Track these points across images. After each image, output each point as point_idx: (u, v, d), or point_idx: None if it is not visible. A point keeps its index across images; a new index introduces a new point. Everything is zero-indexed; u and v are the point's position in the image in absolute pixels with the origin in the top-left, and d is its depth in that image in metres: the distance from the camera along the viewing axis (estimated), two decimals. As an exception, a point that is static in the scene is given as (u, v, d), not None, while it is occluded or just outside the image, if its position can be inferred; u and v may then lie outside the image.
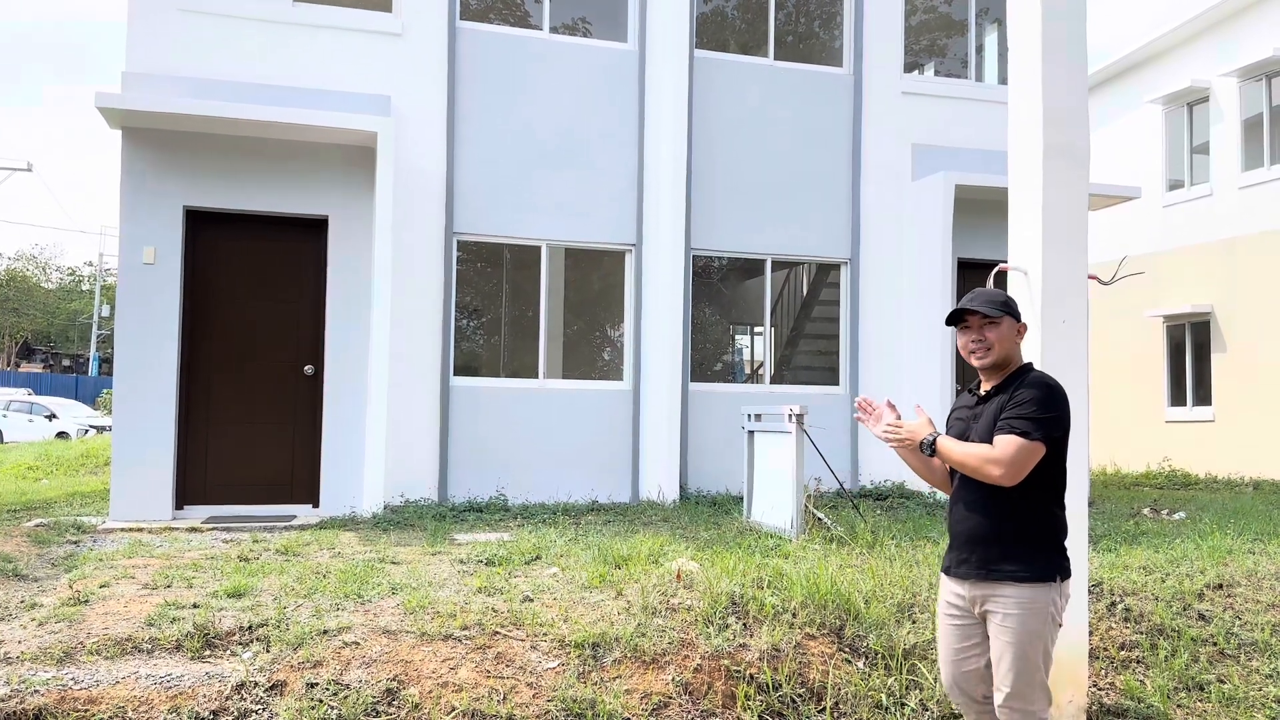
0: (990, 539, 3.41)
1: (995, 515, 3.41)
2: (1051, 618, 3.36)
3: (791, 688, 4.45)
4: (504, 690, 4.20)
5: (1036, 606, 3.34)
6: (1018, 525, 3.39)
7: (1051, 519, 3.43)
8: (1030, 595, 3.34)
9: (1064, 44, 4.53)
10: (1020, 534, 3.38)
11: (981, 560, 3.42)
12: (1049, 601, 3.35)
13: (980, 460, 3.32)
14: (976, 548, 3.45)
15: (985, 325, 3.51)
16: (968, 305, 3.54)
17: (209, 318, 8.82)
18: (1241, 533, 7.58)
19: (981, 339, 3.51)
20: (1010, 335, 3.52)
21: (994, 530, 3.41)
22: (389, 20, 9.48)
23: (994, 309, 3.50)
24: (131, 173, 8.53)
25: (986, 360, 3.51)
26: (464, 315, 10.04)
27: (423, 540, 7.12)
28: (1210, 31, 15.34)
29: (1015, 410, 3.33)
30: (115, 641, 4.38)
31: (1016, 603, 3.35)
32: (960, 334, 3.59)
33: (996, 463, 3.28)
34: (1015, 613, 3.34)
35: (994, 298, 3.56)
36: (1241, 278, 14.39)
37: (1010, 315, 3.52)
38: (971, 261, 10.61)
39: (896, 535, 7.19)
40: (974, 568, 3.44)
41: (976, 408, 3.55)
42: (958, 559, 3.52)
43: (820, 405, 10.12)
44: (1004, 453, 3.28)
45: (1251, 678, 4.94)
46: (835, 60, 11.22)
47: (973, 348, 3.54)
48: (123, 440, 8.41)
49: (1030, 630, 3.33)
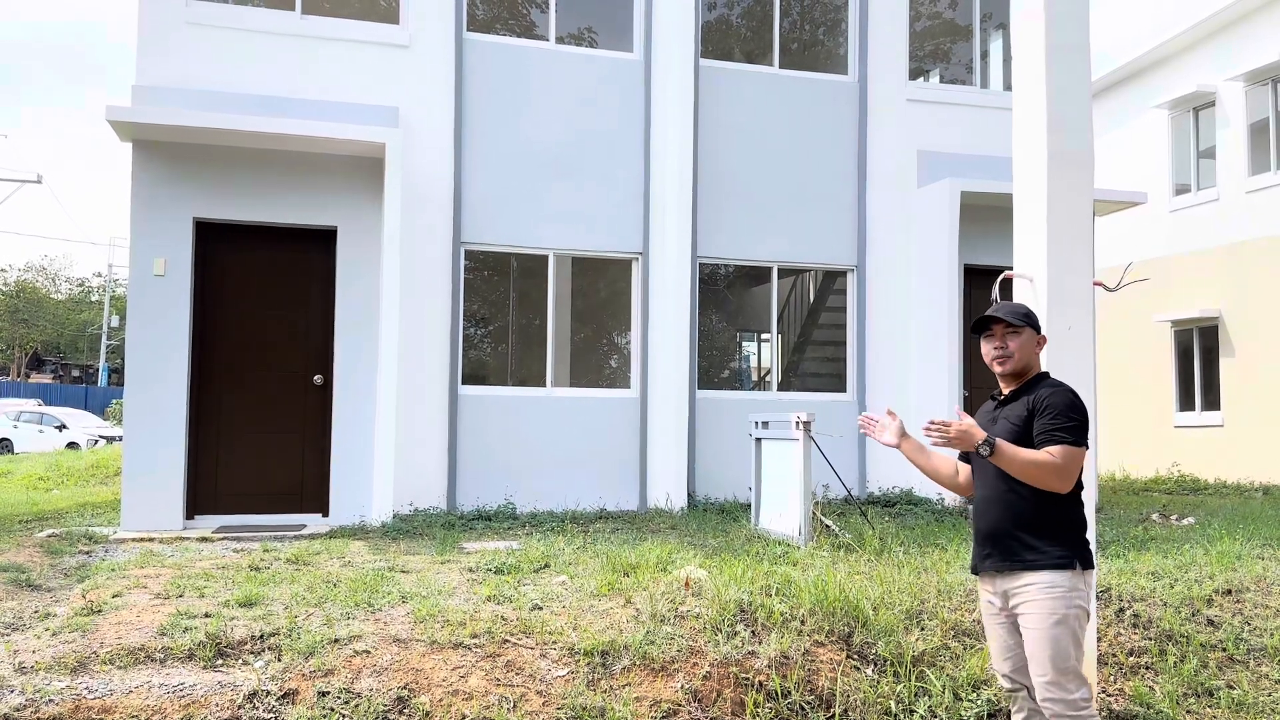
0: (1011, 532, 3.56)
1: (1016, 509, 3.56)
2: (1076, 603, 3.46)
3: (800, 695, 4.47)
4: (514, 698, 4.22)
5: (1058, 593, 3.45)
6: (1037, 517, 3.53)
7: (1071, 511, 3.57)
8: (1050, 581, 3.46)
9: (1067, 51, 4.55)
10: (1040, 525, 3.52)
11: (1003, 553, 3.58)
12: (1071, 588, 3.46)
13: (1041, 469, 3.45)
14: (999, 541, 3.60)
15: (1008, 334, 3.72)
16: (994, 314, 3.74)
17: (219, 328, 8.88)
18: (1251, 538, 7.56)
19: (1004, 347, 3.72)
20: (1030, 345, 3.73)
21: (1014, 523, 3.56)
22: (396, 32, 9.55)
23: (1017, 319, 3.72)
24: (142, 185, 8.60)
25: (1007, 367, 3.71)
26: (472, 324, 10.09)
27: (432, 549, 7.15)
28: (1215, 36, 15.33)
29: (1055, 420, 3.49)
30: (128, 651, 4.41)
31: (1038, 589, 3.47)
32: (984, 341, 3.81)
33: (1058, 471, 3.43)
34: (1039, 599, 3.47)
35: (1017, 309, 3.78)
36: (1249, 282, 14.36)
37: (1031, 326, 3.74)
38: (978, 268, 10.62)
39: (904, 542, 7.19)
40: (997, 560, 3.60)
41: (995, 411, 3.76)
42: (982, 554, 3.69)
43: (827, 412, 10.12)
44: (1064, 461, 3.43)
45: (1261, 683, 4.93)
46: (840, 68, 11.25)
47: (995, 354, 3.75)
48: (134, 450, 8.46)
49: (1056, 616, 3.44)
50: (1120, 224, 15.01)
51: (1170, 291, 15.49)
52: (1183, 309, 15.29)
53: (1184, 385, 15.65)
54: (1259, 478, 13.43)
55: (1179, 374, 15.74)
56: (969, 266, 10.64)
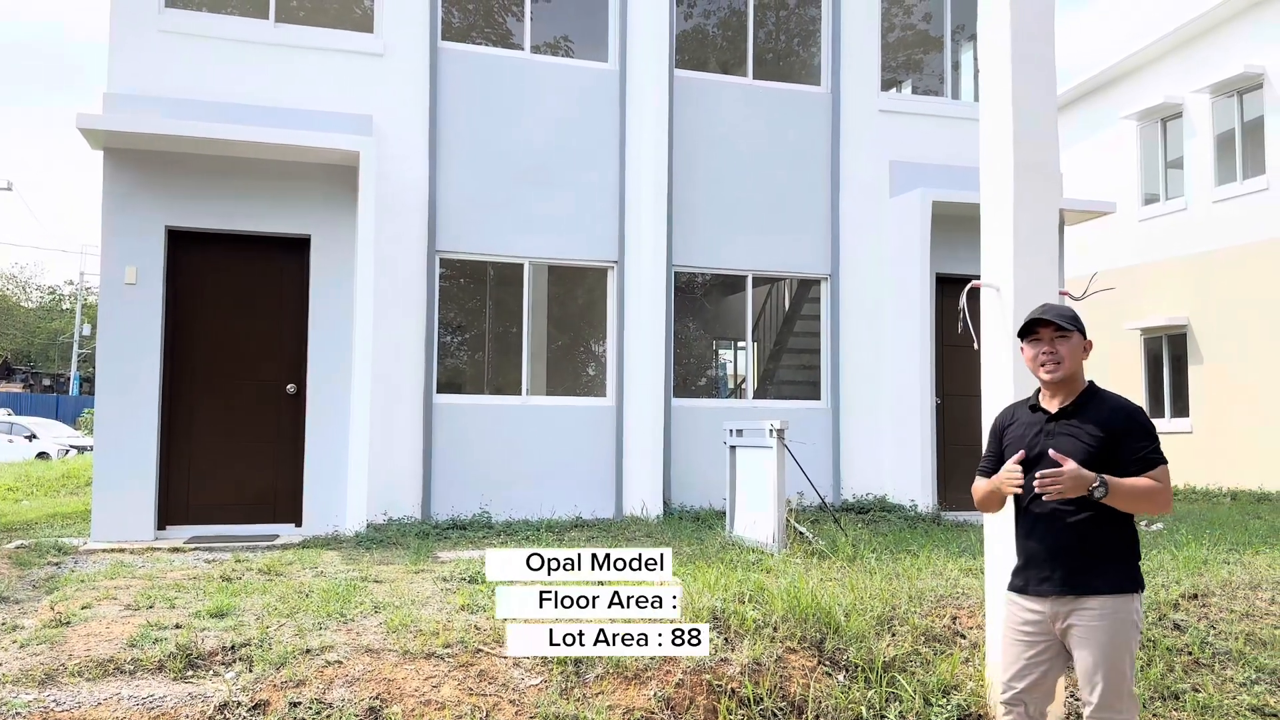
0: (1075, 554, 3.44)
1: (1079, 531, 3.43)
2: (1135, 626, 3.42)
3: (773, 701, 4.49)
4: (486, 708, 4.22)
5: (1121, 616, 3.39)
6: (1101, 540, 3.42)
7: (1130, 532, 3.48)
8: (1115, 606, 3.39)
9: (1033, 63, 4.62)
10: (1103, 548, 3.43)
11: (1066, 576, 3.44)
12: (1132, 610, 3.41)
13: (1154, 497, 3.34)
14: (1060, 564, 3.46)
15: (1057, 338, 3.53)
16: (1041, 316, 3.56)
17: (191, 337, 8.82)
18: (1217, 543, 7.68)
19: (1053, 352, 3.53)
20: (1078, 351, 3.55)
21: (1079, 545, 3.43)
22: (371, 41, 9.54)
23: (1066, 322, 3.52)
24: (113, 193, 8.54)
25: (1057, 374, 3.52)
26: (447, 332, 10.07)
27: (406, 558, 7.13)
28: (1182, 48, 15.58)
29: (1148, 441, 3.41)
30: (97, 663, 4.38)
31: (1102, 614, 3.38)
32: (1029, 345, 3.60)
33: (1166, 496, 3.36)
34: (1102, 624, 3.38)
35: (1064, 312, 3.57)
36: (1217, 291, 14.58)
37: (1079, 331, 3.55)
38: (950, 277, 10.72)
39: (877, 549, 7.25)
40: (1057, 584, 3.46)
41: (1049, 425, 3.54)
42: (1038, 576, 3.51)
43: (803, 420, 10.19)
44: (1168, 484, 3.37)
45: (1225, 686, 5.00)
46: (814, 78, 11.34)
47: (1043, 360, 3.54)
48: (104, 460, 8.39)
49: (1119, 641, 3.38)
50: (1090, 233, 15.22)
51: (1140, 300, 15.70)
52: (1152, 317, 15.49)
53: (1153, 392, 15.85)
54: (1227, 483, 13.62)
55: (1149, 381, 15.94)
56: (940, 275, 10.73)
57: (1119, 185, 16.39)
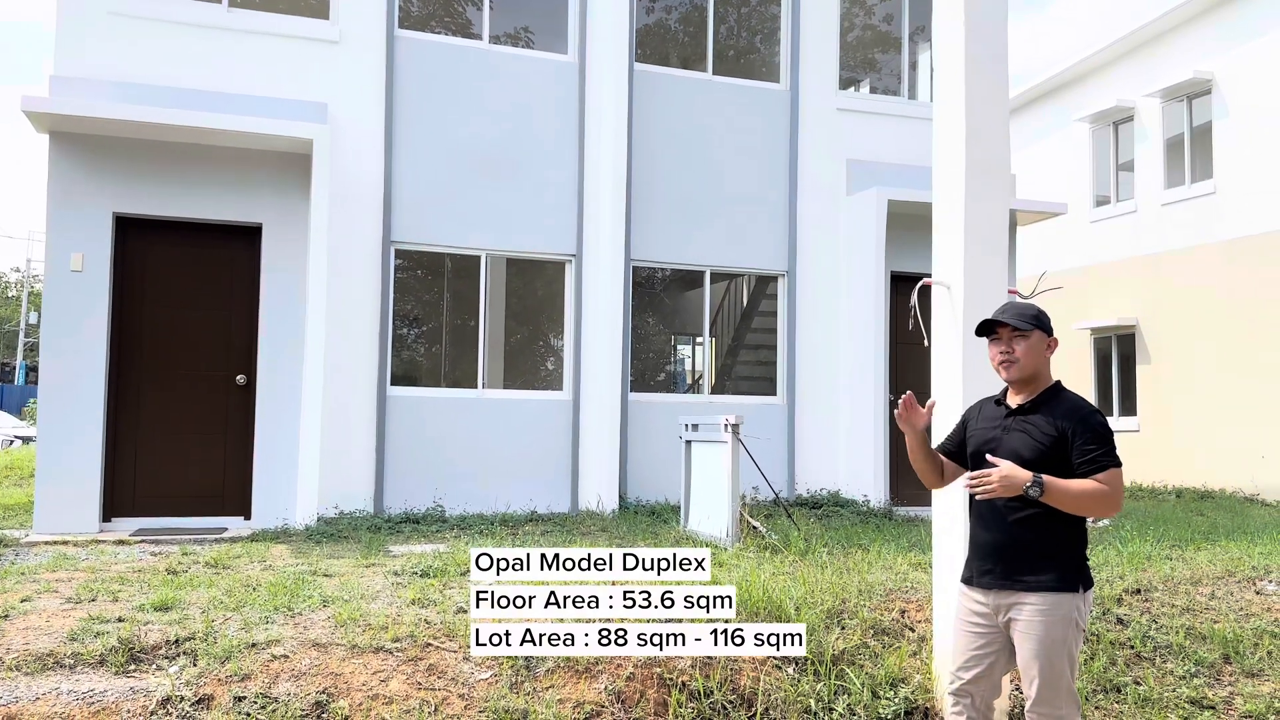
0: (1015, 550, 3.46)
1: (1022, 527, 3.44)
2: (1076, 624, 3.42)
3: (723, 694, 4.51)
4: (435, 702, 4.19)
5: (1060, 614, 3.39)
6: (1042, 536, 3.43)
7: (1077, 531, 3.47)
8: (1054, 603, 3.39)
9: (986, 63, 4.67)
10: (1046, 545, 3.43)
11: (1006, 570, 3.47)
12: (1072, 609, 3.41)
13: (1096, 500, 3.34)
14: (1001, 558, 3.49)
15: (1015, 338, 3.53)
16: (999, 317, 3.57)
17: (139, 326, 8.65)
18: (1160, 539, 7.84)
19: (1009, 351, 3.54)
20: (1039, 349, 3.54)
21: (1020, 541, 3.45)
22: (326, 28, 9.41)
23: (1024, 322, 3.52)
24: (59, 178, 8.35)
25: (1013, 374, 3.55)
26: (403, 324, 9.98)
27: (357, 552, 7.05)
28: (1135, 53, 15.84)
29: (1100, 445, 3.37)
30: (36, 657, 4.29)
31: (1040, 610, 3.40)
32: (990, 345, 3.63)
33: (1113, 499, 3.35)
34: (1039, 620, 3.40)
35: (1025, 311, 3.56)
36: (1165, 292, 14.86)
37: (1041, 329, 3.54)
38: (905, 274, 10.82)
39: (829, 543, 7.30)
40: (998, 578, 3.49)
41: (1007, 420, 3.57)
42: (981, 569, 3.56)
43: (759, 415, 10.23)
44: (1116, 487, 3.35)
45: (1166, 679, 5.11)
46: (773, 76, 11.38)
47: (1001, 359, 3.57)
48: (48, 451, 8.21)
49: (1055, 638, 3.39)
50: (1043, 234, 15.44)
51: (1090, 300, 15.95)
52: (1102, 317, 15.75)
53: (1103, 391, 16.13)
54: (1172, 481, 13.90)
55: (1098, 380, 16.22)
56: (896, 273, 10.83)
57: (1072, 187, 16.64)
